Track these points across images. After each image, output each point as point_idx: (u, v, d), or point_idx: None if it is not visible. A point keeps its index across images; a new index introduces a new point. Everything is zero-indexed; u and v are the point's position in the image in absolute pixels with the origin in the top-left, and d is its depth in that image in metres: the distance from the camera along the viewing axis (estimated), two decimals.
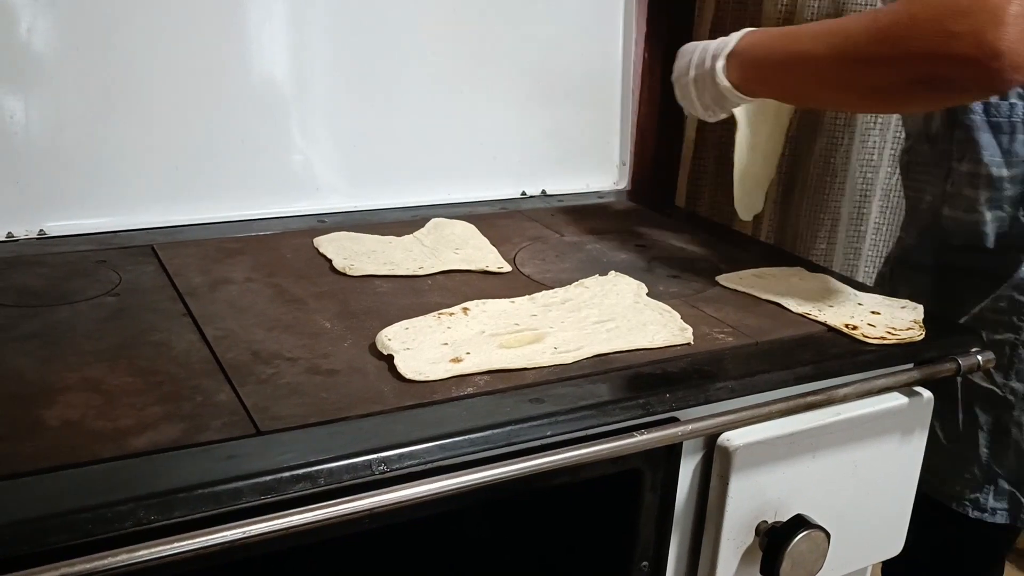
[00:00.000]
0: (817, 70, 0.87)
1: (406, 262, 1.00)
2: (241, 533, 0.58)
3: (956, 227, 1.01)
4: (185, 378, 0.73)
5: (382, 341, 0.78)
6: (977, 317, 1.00)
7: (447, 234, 1.11)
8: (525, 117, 1.31)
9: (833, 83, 0.87)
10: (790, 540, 0.80)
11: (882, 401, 0.87)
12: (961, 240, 1.01)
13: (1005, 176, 0.97)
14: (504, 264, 1.02)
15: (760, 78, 0.93)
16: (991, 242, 0.99)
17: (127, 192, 1.10)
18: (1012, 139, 0.96)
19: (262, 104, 1.14)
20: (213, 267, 0.98)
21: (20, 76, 1.02)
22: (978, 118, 0.97)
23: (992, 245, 0.99)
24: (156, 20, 1.06)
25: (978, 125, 0.97)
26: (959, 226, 1.01)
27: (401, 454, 0.64)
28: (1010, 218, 0.98)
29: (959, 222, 1.01)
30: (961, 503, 1.03)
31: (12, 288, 0.90)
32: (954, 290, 1.03)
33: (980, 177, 0.98)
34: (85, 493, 0.57)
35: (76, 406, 0.68)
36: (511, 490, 0.70)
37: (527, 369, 0.77)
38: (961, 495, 1.03)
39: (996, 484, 1.02)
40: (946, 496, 1.04)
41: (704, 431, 0.77)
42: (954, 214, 1.01)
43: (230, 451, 0.63)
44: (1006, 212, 0.98)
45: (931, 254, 1.05)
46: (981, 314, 1.00)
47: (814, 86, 0.90)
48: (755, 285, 0.98)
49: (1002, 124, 0.96)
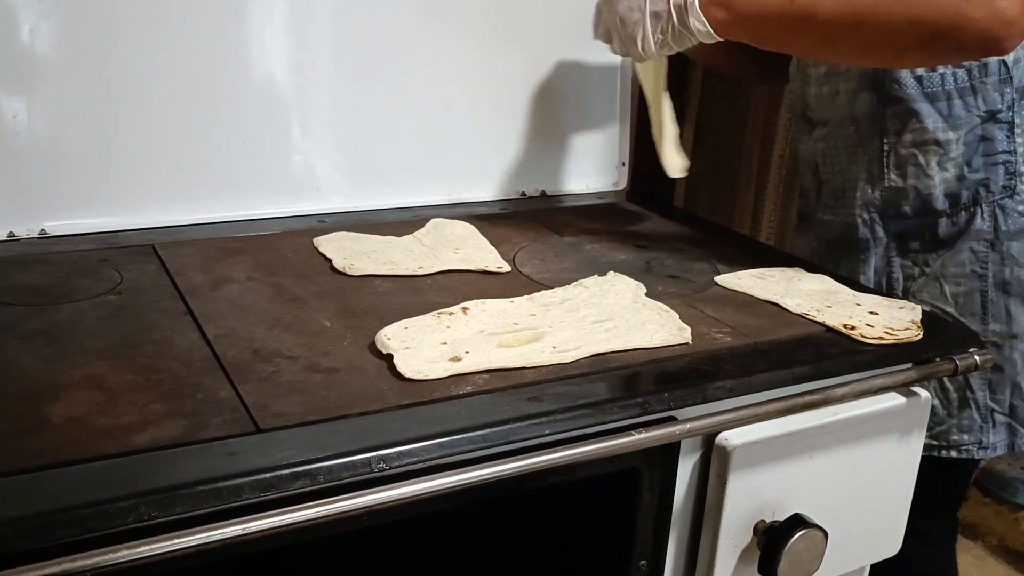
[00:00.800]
0: (822, 26, 0.88)
1: (406, 262, 1.01)
2: (241, 530, 0.58)
3: (903, 196, 1.07)
4: (186, 376, 0.74)
5: (382, 340, 0.79)
6: (935, 276, 1.06)
7: (447, 234, 1.11)
8: (524, 118, 1.31)
9: (837, 40, 0.90)
10: (788, 539, 0.81)
11: (880, 401, 0.87)
12: (912, 207, 1.07)
13: (952, 138, 1.03)
14: (503, 264, 1.02)
15: (749, 25, 0.93)
16: (941, 203, 1.05)
17: (128, 192, 1.10)
18: (950, 105, 1.03)
19: (263, 104, 1.15)
20: (214, 266, 0.98)
21: (23, 76, 1.02)
22: (913, 91, 1.03)
23: (942, 206, 1.05)
24: (158, 21, 1.07)
25: (914, 97, 1.03)
26: (907, 194, 1.06)
27: (400, 452, 0.64)
28: (956, 177, 1.05)
29: (907, 191, 1.06)
30: (965, 449, 1.08)
31: (15, 287, 0.91)
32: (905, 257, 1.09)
33: (927, 144, 1.04)
34: (87, 489, 0.58)
35: (79, 403, 0.68)
36: (509, 488, 0.70)
37: (526, 368, 0.77)
38: (960, 442, 1.08)
39: (993, 420, 1.08)
40: (948, 447, 1.08)
41: (702, 430, 0.77)
42: (901, 184, 1.07)
43: (231, 448, 0.64)
44: (951, 172, 1.04)
45: (873, 228, 1.09)
46: (940, 272, 1.06)
47: (816, 41, 0.92)
48: (753, 285, 0.98)
49: (937, 93, 1.03)
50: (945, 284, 1.06)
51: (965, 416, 1.07)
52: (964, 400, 1.06)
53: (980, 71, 1.02)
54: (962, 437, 1.07)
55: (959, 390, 1.06)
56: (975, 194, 1.04)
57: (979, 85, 1.02)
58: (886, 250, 1.09)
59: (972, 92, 1.03)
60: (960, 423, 1.07)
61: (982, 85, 1.02)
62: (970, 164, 1.04)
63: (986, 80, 1.02)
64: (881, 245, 1.09)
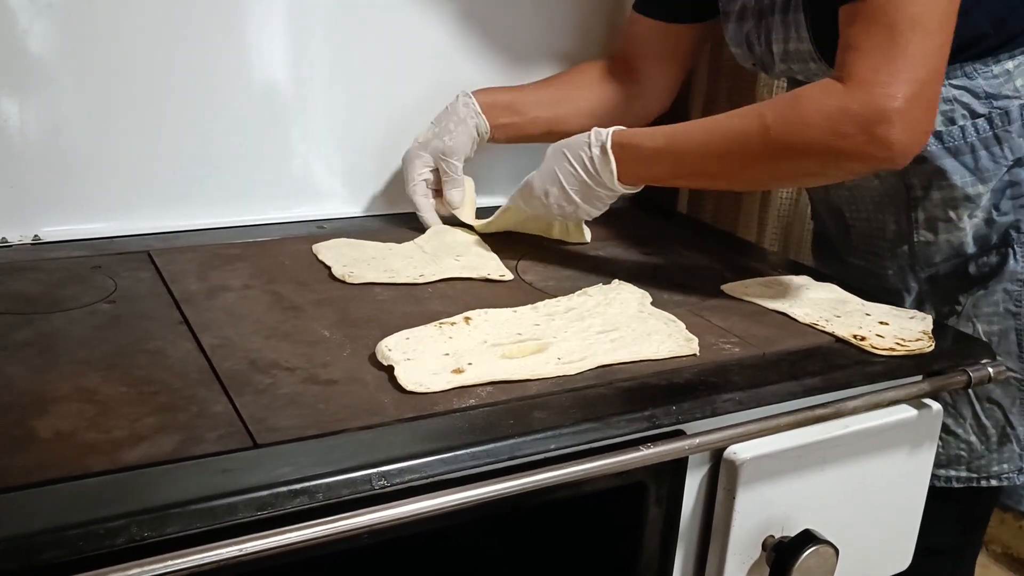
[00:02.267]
0: (704, 166, 0.91)
1: (406, 269, 0.99)
2: (237, 550, 0.56)
3: (936, 250, 1.04)
4: (180, 388, 0.72)
5: (382, 351, 0.77)
6: (967, 316, 1.02)
7: (448, 241, 1.09)
8: None
9: (722, 176, 0.93)
10: (798, 556, 0.79)
11: (891, 413, 0.86)
12: (942, 256, 1.04)
13: (983, 192, 0.99)
14: (506, 272, 1.00)
15: (644, 172, 0.94)
16: (971, 248, 1.02)
17: (123, 197, 1.08)
18: (976, 157, 0.98)
19: (261, 109, 1.13)
20: (210, 274, 0.96)
21: (16, 79, 1.00)
22: (935, 148, 0.98)
23: (972, 250, 1.02)
24: (154, 24, 1.05)
25: (936, 155, 0.98)
26: (940, 247, 1.03)
27: (401, 468, 0.63)
28: (984, 222, 1.01)
29: (939, 244, 1.03)
30: (1007, 477, 1.06)
31: (6, 294, 0.89)
32: (935, 296, 1.06)
33: (957, 200, 1.00)
34: (76, 508, 0.56)
35: (69, 417, 0.66)
36: (512, 504, 0.68)
37: (530, 380, 0.75)
38: (1001, 472, 1.05)
39: None
40: (988, 477, 1.06)
41: (711, 445, 0.75)
42: (932, 239, 1.03)
43: (226, 464, 0.62)
44: (980, 218, 1.00)
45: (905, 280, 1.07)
46: (972, 312, 1.02)
47: (703, 179, 0.97)
48: (762, 294, 0.97)
49: (960, 147, 0.98)
50: (978, 323, 1.02)
51: (1006, 451, 1.05)
52: (1004, 436, 1.04)
53: (1002, 119, 0.96)
54: (1003, 468, 1.05)
55: (997, 427, 1.04)
56: (1005, 236, 1.00)
57: (1003, 134, 0.97)
58: (918, 294, 1.07)
59: (997, 142, 0.97)
60: (1000, 456, 1.05)
61: (1006, 134, 0.97)
62: (998, 208, 1.00)
63: (1010, 128, 0.97)
64: (914, 292, 1.07)
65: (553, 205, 1.00)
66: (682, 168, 0.92)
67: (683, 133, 0.92)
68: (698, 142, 0.90)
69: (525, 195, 1.03)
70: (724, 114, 0.91)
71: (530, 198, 1.02)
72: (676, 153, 0.91)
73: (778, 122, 0.84)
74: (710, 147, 0.89)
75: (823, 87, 0.84)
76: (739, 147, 0.87)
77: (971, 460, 1.05)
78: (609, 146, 0.93)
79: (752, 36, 1.05)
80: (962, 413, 1.04)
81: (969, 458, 1.05)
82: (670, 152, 0.91)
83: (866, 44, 0.82)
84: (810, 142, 0.83)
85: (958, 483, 1.05)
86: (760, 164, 0.87)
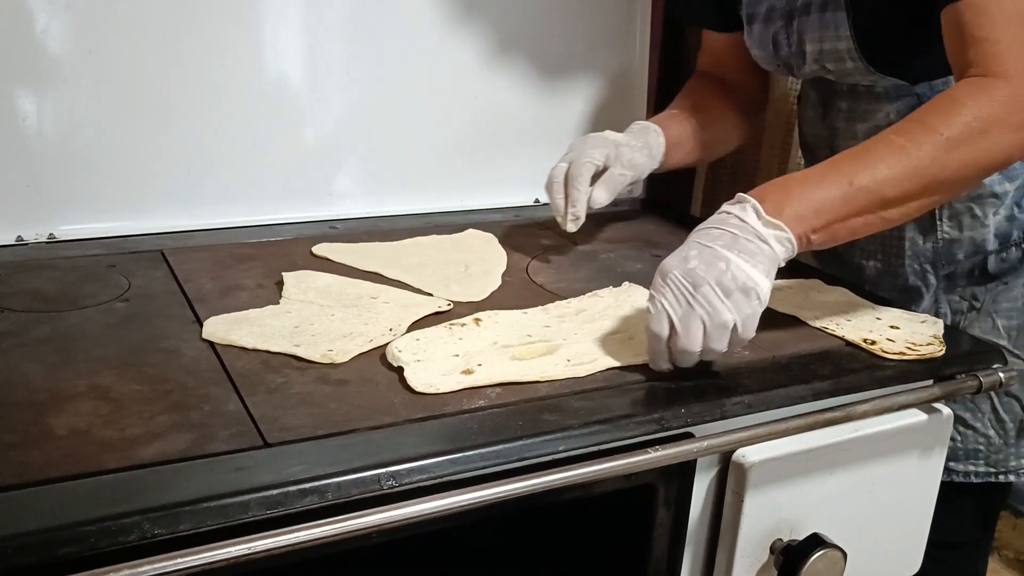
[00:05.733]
0: (893, 213, 0.83)
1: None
2: (247, 548, 0.57)
3: (959, 246, 1.04)
4: (193, 387, 0.72)
5: (393, 352, 0.77)
6: (987, 311, 1.04)
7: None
8: (539, 124, 1.30)
9: (916, 196, 0.83)
10: (806, 559, 0.79)
11: (901, 418, 0.85)
12: (964, 252, 1.04)
13: (1009, 190, 1.01)
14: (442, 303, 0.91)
15: (829, 227, 0.82)
16: (992, 244, 1.03)
17: (138, 196, 1.09)
18: None
19: (275, 109, 1.14)
20: (224, 273, 0.97)
21: (33, 79, 1.01)
22: None
23: (993, 246, 1.03)
24: (170, 24, 1.06)
25: None
26: (963, 244, 1.04)
27: (411, 468, 0.63)
28: (1006, 218, 1.02)
29: (962, 241, 1.04)
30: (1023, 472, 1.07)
31: (22, 292, 0.90)
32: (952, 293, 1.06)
33: (983, 197, 1.02)
34: (90, 505, 0.57)
35: (84, 414, 0.67)
36: (521, 505, 0.69)
37: (540, 382, 0.76)
38: (1020, 467, 1.07)
39: None
40: (1007, 472, 1.07)
41: (720, 448, 0.76)
42: (957, 235, 1.04)
43: (237, 463, 0.62)
44: (1002, 215, 1.02)
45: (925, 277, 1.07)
46: (992, 307, 1.04)
47: (895, 211, 0.84)
48: (771, 297, 0.96)
49: None
50: (997, 319, 1.04)
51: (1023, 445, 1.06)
52: (1022, 430, 1.05)
53: None
54: (1020, 463, 1.06)
55: (1015, 420, 1.05)
56: None
57: None
58: (935, 291, 1.07)
59: None
60: (1018, 450, 1.06)
61: None
62: (1020, 205, 1.02)
63: None
64: (931, 289, 1.07)
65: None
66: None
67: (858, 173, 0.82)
68: (882, 179, 0.81)
69: None
70: (880, 141, 0.84)
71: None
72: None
73: (956, 133, 0.81)
74: (896, 178, 0.81)
75: (977, 87, 0.82)
76: (922, 172, 0.81)
77: (989, 455, 1.05)
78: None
79: (780, 37, 1.05)
80: (980, 407, 1.05)
81: (987, 452, 1.05)
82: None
83: (1004, 37, 0.82)
84: (993, 145, 0.81)
85: (976, 478, 1.06)
86: (944, 183, 0.83)
